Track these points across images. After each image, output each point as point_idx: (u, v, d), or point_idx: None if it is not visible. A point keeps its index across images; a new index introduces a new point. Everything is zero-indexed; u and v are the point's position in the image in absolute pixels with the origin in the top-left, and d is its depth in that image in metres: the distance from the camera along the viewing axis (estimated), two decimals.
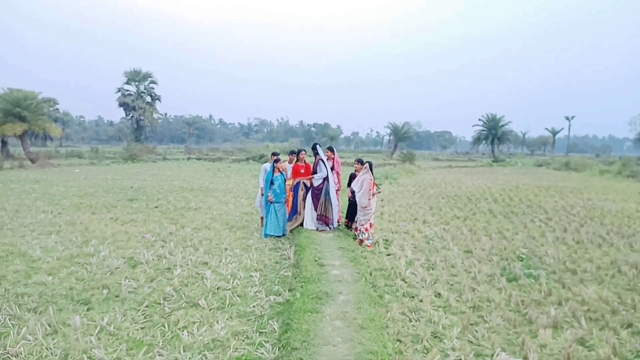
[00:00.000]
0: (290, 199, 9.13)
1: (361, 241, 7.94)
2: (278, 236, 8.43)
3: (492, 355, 3.94)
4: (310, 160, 9.23)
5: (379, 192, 8.39)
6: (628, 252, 7.71)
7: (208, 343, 4.02)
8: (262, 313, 4.79)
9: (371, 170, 8.08)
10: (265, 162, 8.75)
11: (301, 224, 8.99)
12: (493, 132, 57.81)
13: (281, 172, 8.52)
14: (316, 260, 6.51)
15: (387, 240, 8.36)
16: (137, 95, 48.65)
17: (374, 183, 8.06)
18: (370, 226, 8.03)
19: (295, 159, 9.19)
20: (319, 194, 8.79)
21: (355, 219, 8.44)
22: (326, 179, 8.74)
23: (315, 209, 8.79)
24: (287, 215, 8.84)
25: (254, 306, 4.95)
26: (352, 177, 8.93)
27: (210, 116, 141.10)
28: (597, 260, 7.14)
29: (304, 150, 9.36)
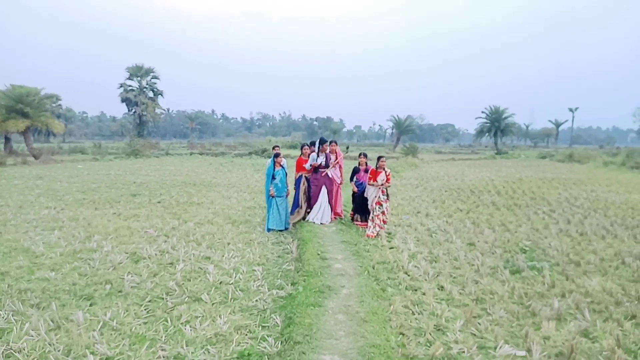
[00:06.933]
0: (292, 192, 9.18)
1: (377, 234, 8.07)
2: (280, 230, 8.43)
3: (495, 348, 3.93)
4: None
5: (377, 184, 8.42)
6: (632, 244, 7.67)
7: (211, 337, 4.02)
8: (265, 307, 4.78)
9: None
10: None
11: (303, 218, 9.00)
12: (496, 125, 57.43)
13: (282, 166, 8.52)
14: (319, 254, 6.52)
15: (390, 234, 8.34)
16: (140, 90, 48.61)
17: (371, 173, 8.27)
18: (384, 222, 8.32)
19: (300, 153, 9.25)
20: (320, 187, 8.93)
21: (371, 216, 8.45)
22: (327, 175, 8.87)
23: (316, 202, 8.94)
24: (289, 209, 8.85)
25: (256, 300, 4.96)
26: (355, 171, 8.95)
27: (213, 111, 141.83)
28: (600, 252, 7.10)
29: (308, 145, 9.36)
